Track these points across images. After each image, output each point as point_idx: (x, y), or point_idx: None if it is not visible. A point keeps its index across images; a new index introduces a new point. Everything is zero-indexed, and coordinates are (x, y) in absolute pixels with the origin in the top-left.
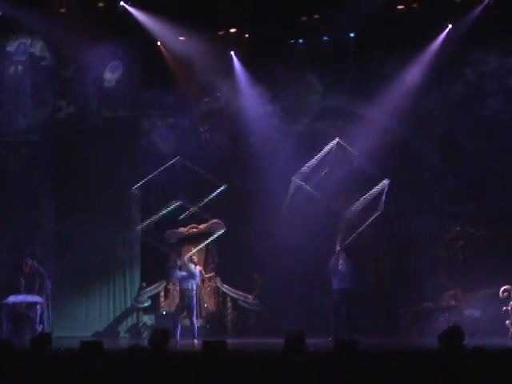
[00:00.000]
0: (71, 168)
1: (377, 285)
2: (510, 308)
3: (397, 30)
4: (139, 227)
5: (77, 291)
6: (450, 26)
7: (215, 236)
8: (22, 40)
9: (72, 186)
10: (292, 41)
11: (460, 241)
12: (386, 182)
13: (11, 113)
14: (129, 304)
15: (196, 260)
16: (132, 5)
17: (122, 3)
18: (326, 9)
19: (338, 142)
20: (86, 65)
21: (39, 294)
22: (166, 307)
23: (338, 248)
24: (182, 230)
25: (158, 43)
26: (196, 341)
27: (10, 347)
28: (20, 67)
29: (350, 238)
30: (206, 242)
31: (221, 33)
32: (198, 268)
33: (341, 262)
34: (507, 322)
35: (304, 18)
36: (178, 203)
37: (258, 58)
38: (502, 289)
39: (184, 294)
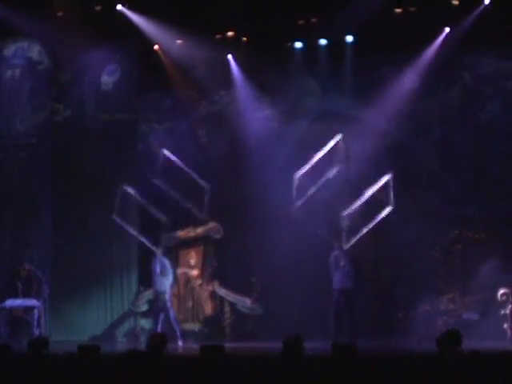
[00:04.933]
0: (69, 171)
1: (374, 288)
2: (508, 312)
3: (394, 33)
4: None
5: (74, 295)
6: (448, 29)
7: None
8: (20, 44)
9: (69, 190)
10: (290, 44)
11: (458, 244)
12: (388, 176)
13: (8, 116)
14: (126, 308)
15: (193, 263)
16: (129, 8)
17: (119, 7)
18: (323, 12)
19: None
20: (84, 68)
21: (36, 298)
22: (152, 311)
23: (337, 245)
24: (179, 233)
25: (156, 47)
26: (181, 343)
27: (8, 351)
28: (17, 71)
29: (357, 237)
30: None
31: (218, 36)
32: (195, 272)
33: (343, 263)
34: (505, 325)
35: (302, 22)
36: None
37: (255, 62)
38: (501, 292)
39: (158, 297)
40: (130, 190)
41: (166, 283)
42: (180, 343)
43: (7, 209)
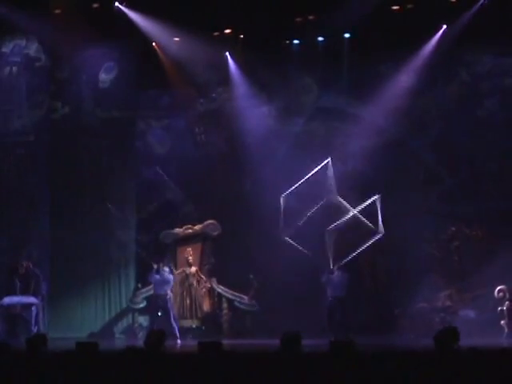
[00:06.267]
0: (67, 169)
1: (372, 285)
2: (505, 308)
3: (392, 30)
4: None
5: (72, 292)
6: (445, 26)
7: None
8: (17, 41)
9: (67, 187)
10: (287, 41)
11: (455, 241)
12: (376, 197)
13: (6, 114)
14: (124, 305)
15: (191, 261)
16: (127, 6)
17: (116, 4)
18: (320, 9)
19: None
20: (81, 65)
21: (34, 295)
22: (150, 309)
23: (333, 268)
24: (177, 230)
25: (153, 44)
26: (179, 341)
27: (6, 348)
28: (15, 68)
29: (348, 258)
30: None
31: (216, 34)
32: (193, 269)
33: (336, 273)
34: (502, 322)
35: (299, 19)
36: None
37: (253, 59)
38: (497, 289)
39: (158, 297)
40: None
41: (165, 287)
42: (179, 342)
43: (5, 206)
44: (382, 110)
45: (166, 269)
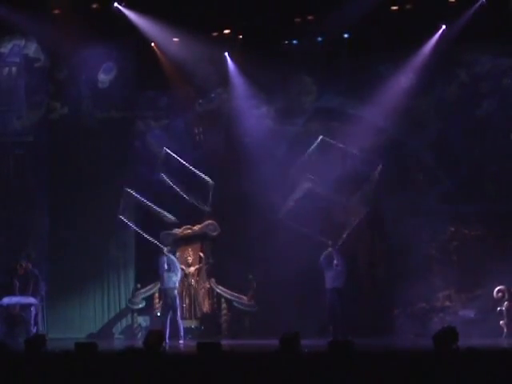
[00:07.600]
0: (66, 169)
1: (371, 285)
2: (504, 308)
3: (391, 30)
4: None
5: (71, 293)
6: (444, 26)
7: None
8: (16, 41)
9: (66, 188)
10: (286, 42)
11: (454, 242)
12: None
13: (5, 114)
14: (123, 305)
15: (191, 261)
16: (126, 6)
17: (115, 4)
18: (319, 10)
19: (323, 139)
20: (80, 66)
21: (33, 295)
22: (160, 308)
23: (330, 244)
24: (176, 231)
25: (152, 44)
26: (182, 342)
27: (5, 349)
28: (14, 69)
29: (344, 237)
30: None
31: (215, 34)
32: (192, 270)
33: (335, 262)
34: (501, 322)
35: (298, 19)
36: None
37: (251, 59)
38: (496, 289)
39: (167, 293)
40: (131, 191)
41: (174, 279)
42: (181, 342)
43: (4, 206)
44: (381, 111)
45: (174, 258)
